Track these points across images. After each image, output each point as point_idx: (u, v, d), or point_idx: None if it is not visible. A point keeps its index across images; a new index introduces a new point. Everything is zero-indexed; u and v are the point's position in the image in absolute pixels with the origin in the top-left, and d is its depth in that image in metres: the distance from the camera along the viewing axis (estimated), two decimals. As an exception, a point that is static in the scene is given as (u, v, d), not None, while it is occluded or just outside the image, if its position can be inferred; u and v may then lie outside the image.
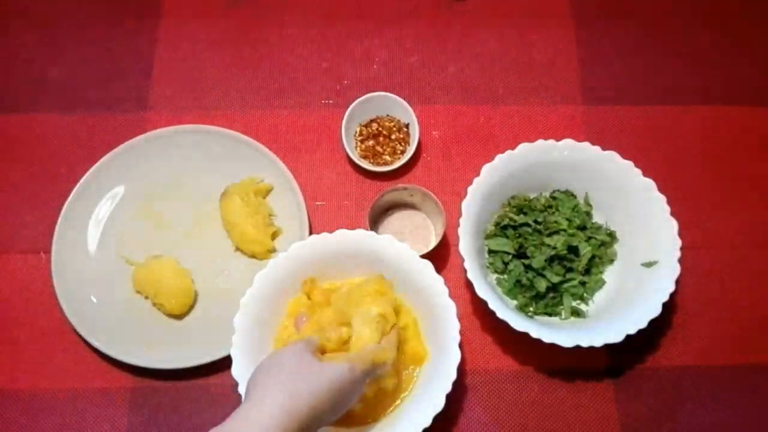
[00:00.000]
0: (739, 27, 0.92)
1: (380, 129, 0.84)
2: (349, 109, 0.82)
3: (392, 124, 0.84)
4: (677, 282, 0.69)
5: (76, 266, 0.77)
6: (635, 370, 0.75)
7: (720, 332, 0.77)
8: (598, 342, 0.66)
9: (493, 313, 0.67)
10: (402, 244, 0.69)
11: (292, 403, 0.51)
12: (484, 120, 0.86)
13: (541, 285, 0.73)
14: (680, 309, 0.78)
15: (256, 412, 0.51)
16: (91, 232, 0.79)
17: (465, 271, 0.69)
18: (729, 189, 0.84)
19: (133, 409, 0.74)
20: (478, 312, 0.78)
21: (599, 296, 0.76)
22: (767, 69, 0.90)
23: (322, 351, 0.60)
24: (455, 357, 0.65)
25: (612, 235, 0.77)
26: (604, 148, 0.75)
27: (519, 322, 0.67)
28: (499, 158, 0.74)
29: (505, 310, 0.68)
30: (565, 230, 0.75)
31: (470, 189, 0.73)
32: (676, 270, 0.70)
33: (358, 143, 0.84)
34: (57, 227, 0.77)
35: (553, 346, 0.67)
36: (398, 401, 0.68)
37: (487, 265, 0.77)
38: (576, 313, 0.74)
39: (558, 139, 0.75)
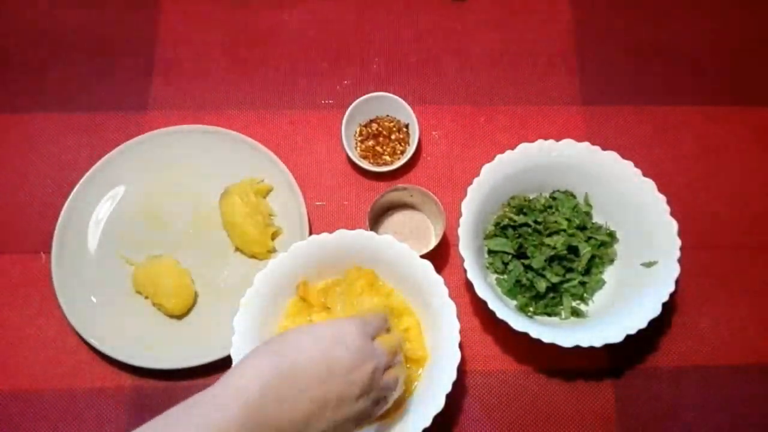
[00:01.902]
0: (739, 27, 0.92)
1: (380, 129, 0.84)
2: (349, 109, 0.82)
3: (392, 124, 0.84)
4: (677, 282, 0.69)
5: (76, 266, 0.77)
6: (635, 370, 0.75)
7: (720, 332, 0.77)
8: (598, 342, 0.66)
9: (493, 313, 0.67)
10: (402, 244, 0.69)
11: (272, 360, 0.50)
12: (484, 120, 0.86)
13: (541, 285, 0.73)
14: (680, 309, 0.78)
15: (237, 376, 0.50)
16: (91, 232, 0.79)
17: (465, 271, 0.69)
18: (728, 189, 0.84)
19: (133, 409, 0.74)
20: (478, 312, 0.78)
21: (599, 296, 0.76)
22: (766, 69, 0.90)
23: None
24: (455, 357, 0.65)
25: (612, 235, 0.77)
26: (604, 148, 0.75)
27: (519, 322, 0.67)
28: (499, 158, 0.74)
29: (505, 310, 0.68)
30: (565, 230, 0.75)
31: (470, 189, 0.73)
32: (676, 270, 0.70)
33: (358, 143, 0.84)
34: (57, 227, 0.77)
35: (553, 346, 0.67)
36: (400, 401, 0.68)
37: (487, 265, 0.77)
38: (576, 313, 0.74)
39: (558, 139, 0.75)
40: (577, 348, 0.66)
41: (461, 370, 0.70)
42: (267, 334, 0.69)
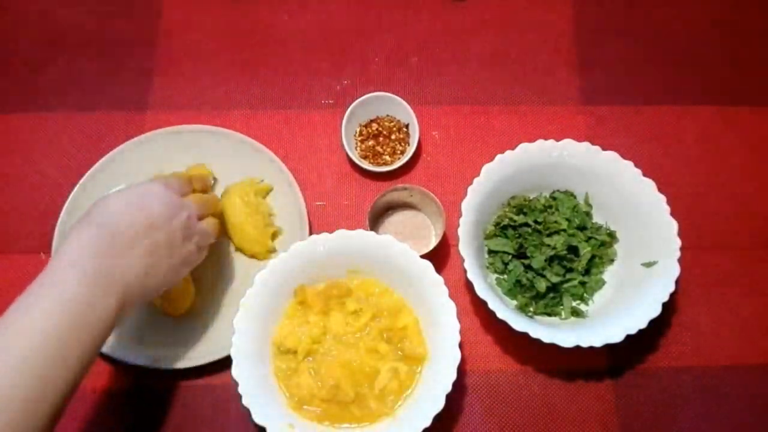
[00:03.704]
0: (739, 27, 0.92)
1: (380, 129, 0.84)
2: (349, 109, 0.82)
3: (392, 124, 0.84)
4: (677, 282, 0.69)
5: (76, 266, 0.77)
6: (635, 370, 0.75)
7: (720, 332, 0.77)
8: (598, 342, 0.66)
9: (493, 313, 0.67)
10: (402, 244, 0.69)
11: (96, 230, 0.55)
12: (484, 120, 0.86)
13: (541, 285, 0.73)
14: (680, 309, 0.78)
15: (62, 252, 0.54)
16: (91, 232, 0.79)
17: (465, 271, 0.69)
18: (729, 189, 0.84)
19: (133, 409, 0.74)
20: (478, 312, 0.78)
21: (599, 296, 0.76)
22: (767, 70, 0.90)
23: None
24: (455, 357, 0.65)
25: (612, 235, 0.77)
26: (604, 148, 0.75)
27: (519, 322, 0.67)
28: (499, 158, 0.74)
29: (505, 310, 0.68)
30: (565, 230, 0.75)
31: (470, 189, 0.73)
32: (676, 270, 0.70)
33: (358, 143, 0.84)
34: (57, 227, 0.77)
35: (553, 346, 0.67)
36: (400, 401, 0.68)
37: (487, 265, 0.77)
38: (576, 313, 0.74)
39: (558, 139, 0.75)
40: (577, 348, 0.66)
41: (461, 370, 0.70)
42: (267, 334, 0.69)
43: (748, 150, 0.86)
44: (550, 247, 0.74)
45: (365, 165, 0.82)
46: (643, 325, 0.67)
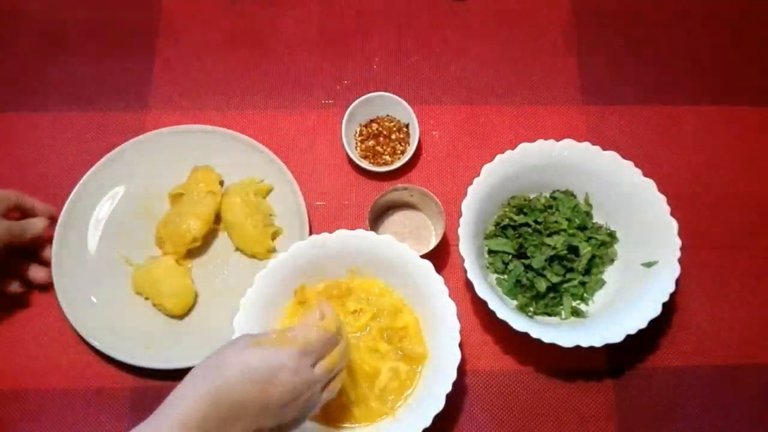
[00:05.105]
0: (738, 27, 0.92)
1: (380, 129, 0.84)
2: (349, 109, 0.82)
3: (392, 124, 0.84)
4: (677, 282, 0.69)
5: (76, 266, 0.77)
6: (635, 370, 0.75)
7: (720, 332, 0.77)
8: (598, 342, 0.66)
9: (493, 313, 0.67)
10: (402, 244, 0.69)
11: (211, 391, 0.51)
12: (484, 120, 0.86)
13: (541, 285, 0.73)
14: (680, 309, 0.78)
15: (170, 410, 0.52)
16: (91, 232, 0.79)
17: (465, 271, 0.69)
18: (729, 189, 0.84)
19: (133, 409, 0.74)
20: (478, 312, 0.78)
21: (599, 296, 0.76)
22: (767, 69, 0.90)
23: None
24: (455, 357, 0.65)
25: (612, 235, 0.77)
26: (604, 148, 0.75)
27: (519, 322, 0.67)
28: (499, 158, 0.74)
29: (505, 310, 0.68)
30: (565, 230, 0.75)
31: (470, 189, 0.73)
32: (676, 270, 0.70)
33: (358, 143, 0.84)
34: (57, 227, 0.77)
35: (553, 346, 0.67)
36: (400, 401, 0.68)
37: (487, 265, 0.77)
38: (576, 313, 0.74)
39: (558, 139, 0.75)
40: (577, 348, 0.66)
41: (461, 370, 0.70)
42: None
43: (748, 150, 0.86)
44: (550, 247, 0.74)
45: (365, 165, 0.82)
46: (643, 325, 0.67)
